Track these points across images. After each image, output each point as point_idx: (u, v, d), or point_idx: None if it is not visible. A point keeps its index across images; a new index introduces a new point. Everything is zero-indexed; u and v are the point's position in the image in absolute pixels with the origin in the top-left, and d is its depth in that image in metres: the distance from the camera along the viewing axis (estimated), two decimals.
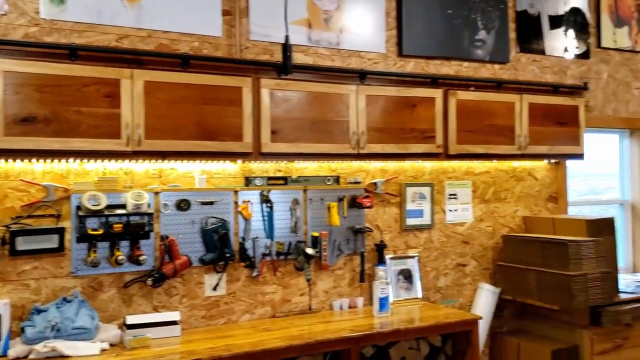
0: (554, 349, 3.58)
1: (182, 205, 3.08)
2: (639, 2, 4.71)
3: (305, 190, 3.40)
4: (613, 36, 4.61)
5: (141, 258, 2.92)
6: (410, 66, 3.79)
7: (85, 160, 2.85)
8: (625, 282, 4.23)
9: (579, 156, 4.05)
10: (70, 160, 2.79)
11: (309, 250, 3.30)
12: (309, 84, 3.15)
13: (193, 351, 2.70)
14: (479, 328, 3.35)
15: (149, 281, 2.95)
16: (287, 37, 3.05)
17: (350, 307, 3.51)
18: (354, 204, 3.53)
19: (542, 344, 3.68)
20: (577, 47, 4.43)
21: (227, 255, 3.12)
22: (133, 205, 2.89)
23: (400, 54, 3.75)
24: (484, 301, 3.88)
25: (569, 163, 4.39)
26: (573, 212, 4.50)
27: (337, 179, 3.50)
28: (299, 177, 3.39)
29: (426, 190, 3.84)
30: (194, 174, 3.16)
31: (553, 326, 3.82)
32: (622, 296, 3.84)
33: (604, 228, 3.79)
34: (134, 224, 2.91)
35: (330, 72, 3.32)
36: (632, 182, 4.81)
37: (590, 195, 4.84)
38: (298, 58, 3.43)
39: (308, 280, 3.34)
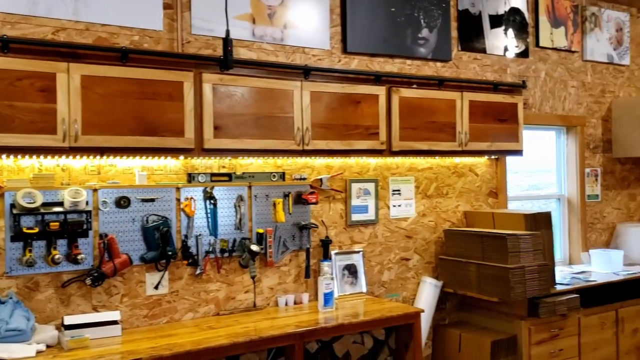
0: (494, 339, 3.69)
1: (122, 202, 3.01)
2: (574, 3, 4.89)
3: (250, 187, 3.39)
4: (550, 36, 4.77)
5: (79, 257, 2.84)
6: (355, 63, 3.82)
7: (19, 157, 2.74)
8: (562, 274, 4.40)
9: (518, 152, 4.18)
10: (4, 156, 2.68)
11: (254, 247, 3.29)
12: (253, 79, 3.13)
13: (133, 351, 2.65)
14: (421, 321, 3.41)
15: (88, 280, 2.87)
16: (227, 32, 3.03)
17: (295, 303, 3.52)
18: (300, 200, 3.54)
19: (482, 335, 3.78)
20: (516, 46, 4.57)
21: (169, 253, 3.07)
22: (70, 202, 2.81)
23: (345, 50, 3.77)
24: (427, 294, 3.96)
25: (509, 159, 4.53)
26: (513, 206, 4.65)
27: (282, 175, 3.50)
28: (243, 173, 3.37)
29: (371, 186, 3.88)
30: (134, 170, 3.10)
31: (493, 317, 3.94)
32: (559, 288, 3.99)
33: (541, 222, 3.93)
34: (71, 222, 2.83)
35: (275, 68, 3.31)
36: (569, 178, 5.00)
37: (533, 190, 5.00)
38: (242, 53, 3.40)
39: (253, 277, 3.33)
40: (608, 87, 5.15)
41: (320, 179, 3.64)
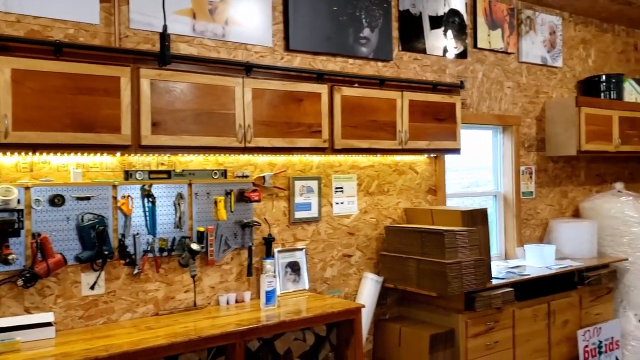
0: (432, 333, 3.78)
1: (56, 200, 2.91)
2: (510, 6, 5.06)
3: (190, 184, 3.34)
4: (488, 38, 4.92)
5: (10, 257, 2.74)
6: (297, 61, 3.83)
7: None
8: (498, 268, 4.55)
9: (456, 151, 4.29)
10: None
11: (194, 246, 3.25)
12: (193, 75, 3.09)
13: (68, 353, 2.57)
14: (362, 316, 3.46)
15: (20, 281, 2.78)
16: (165, 27, 2.98)
17: (237, 301, 3.50)
18: (242, 198, 3.53)
19: (421, 329, 3.87)
20: (455, 47, 4.69)
21: (106, 252, 3.00)
22: (1, 201, 2.70)
23: (287, 48, 3.78)
24: (368, 290, 4.02)
25: (448, 157, 4.64)
26: (453, 203, 4.77)
27: (224, 173, 3.47)
28: (183, 170, 3.32)
29: (314, 184, 3.90)
30: (69, 167, 3.00)
31: (432, 311, 4.03)
32: (494, 282, 4.12)
33: (477, 218, 4.04)
34: (1, 221, 2.72)
35: (216, 64, 3.28)
36: (505, 175, 5.17)
37: (473, 187, 5.15)
38: (182, 48, 3.35)
39: (193, 277, 3.29)
40: (542, 88, 5.36)
41: (263, 177, 3.63)
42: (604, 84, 5.51)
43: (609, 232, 5.19)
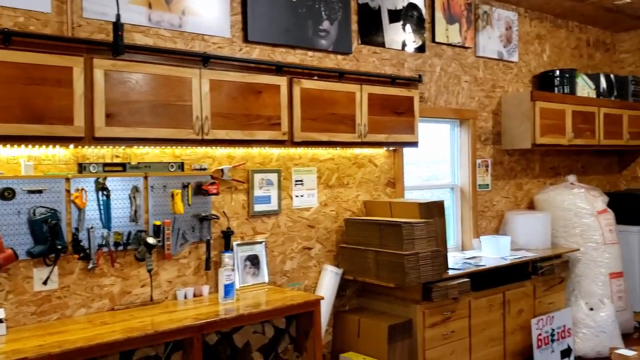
0: (391, 324, 3.83)
1: (6, 194, 2.83)
2: (467, 1, 5.13)
3: (146, 177, 3.29)
4: (446, 32, 4.98)
5: None
6: (256, 53, 3.80)
7: None
8: (454, 259, 4.63)
9: (414, 144, 4.33)
10: None
11: (151, 240, 3.20)
12: (149, 65, 3.03)
13: (19, 350, 2.51)
14: (321, 308, 3.48)
15: None
16: (118, 16, 2.92)
17: (195, 295, 3.47)
18: (200, 191, 3.49)
19: (380, 320, 3.91)
20: (414, 41, 4.73)
21: (59, 247, 2.93)
22: None
23: (246, 39, 3.74)
24: (328, 282, 4.04)
25: (408, 151, 4.69)
26: (413, 196, 4.83)
27: (181, 166, 3.43)
28: (139, 163, 3.26)
29: (273, 177, 3.89)
30: (20, 160, 2.91)
31: (390, 302, 4.08)
32: (451, 272, 4.19)
33: (434, 210, 4.10)
34: None
35: (172, 55, 3.23)
36: (462, 168, 5.26)
37: (433, 180, 5.22)
38: (137, 39, 3.29)
39: (149, 271, 3.25)
40: (498, 82, 5.46)
41: (222, 170, 3.60)
42: (558, 78, 5.65)
43: (562, 224, 5.35)
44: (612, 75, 6.16)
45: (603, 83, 6.02)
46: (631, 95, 6.32)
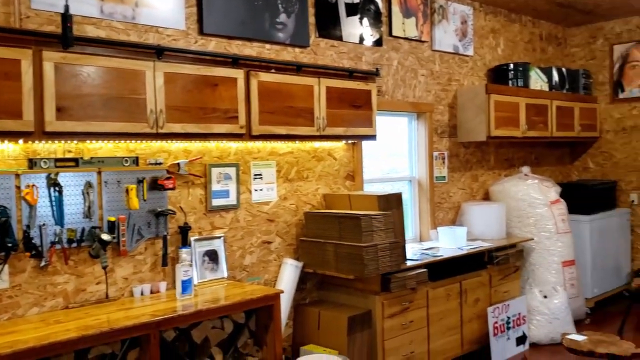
0: (350, 315, 3.86)
1: None
2: None
3: (99, 172, 3.22)
4: (402, 26, 5.03)
5: None
6: (212, 45, 3.76)
7: None
8: (413, 250, 4.70)
9: (372, 137, 4.37)
10: None
11: (105, 236, 3.14)
12: (101, 58, 2.96)
13: None
14: (281, 301, 3.48)
15: None
16: (66, 7, 2.84)
17: (152, 292, 3.42)
18: (156, 185, 3.44)
19: (339, 312, 3.94)
20: (371, 35, 4.75)
21: (9, 245, 2.84)
22: None
23: (201, 32, 3.70)
24: (288, 276, 4.04)
25: (368, 144, 4.73)
26: (371, 189, 4.86)
27: (135, 160, 3.37)
28: (92, 158, 3.19)
29: (232, 171, 3.86)
30: None
31: (350, 294, 4.11)
32: (409, 263, 4.24)
33: (393, 202, 4.15)
34: None
35: (125, 47, 3.16)
36: (419, 161, 5.33)
37: (393, 173, 5.27)
38: (89, 31, 3.21)
39: (104, 268, 3.18)
40: (454, 76, 5.55)
41: (178, 164, 3.55)
42: (512, 72, 5.78)
43: (516, 214, 5.48)
44: (563, 69, 6.33)
45: (555, 76, 6.18)
46: (582, 88, 6.52)
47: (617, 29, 6.64)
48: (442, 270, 4.44)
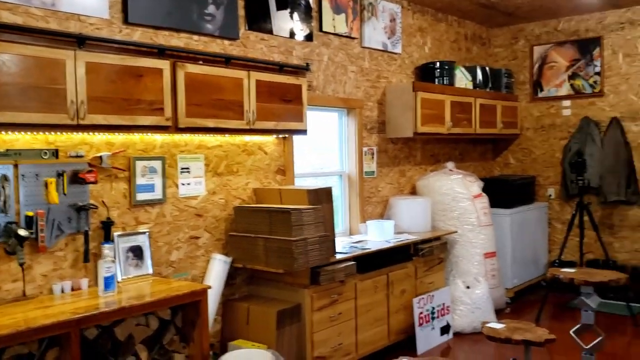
0: (279, 309, 3.86)
1: None
2: None
3: (16, 165, 3.07)
4: (333, 22, 5.06)
5: None
6: (137, 35, 3.66)
7: None
8: (342, 244, 4.76)
9: (303, 132, 4.38)
10: None
11: (22, 232, 3.00)
12: (18, 46, 2.82)
13: None
14: (209, 297, 3.44)
15: None
16: None
17: (73, 289, 3.30)
18: (76, 179, 3.31)
19: (269, 306, 3.94)
20: (302, 30, 4.76)
21: None
22: None
23: (126, 21, 3.59)
24: (216, 271, 4.00)
25: (300, 139, 4.74)
26: (304, 183, 4.88)
27: (55, 153, 3.23)
28: (8, 150, 3.04)
29: (157, 164, 3.78)
30: None
31: (280, 288, 4.12)
32: (338, 256, 4.29)
33: (323, 197, 4.18)
34: None
35: (44, 35, 3.02)
36: (349, 156, 5.40)
37: (326, 169, 5.30)
38: (4, 17, 3.05)
39: (21, 265, 3.04)
40: (383, 73, 5.65)
41: (101, 157, 3.44)
42: (438, 70, 5.95)
43: (441, 208, 5.66)
44: (487, 68, 6.58)
45: (479, 75, 6.41)
46: (504, 87, 6.80)
47: (537, 30, 6.97)
48: (370, 262, 4.52)
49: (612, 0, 6.03)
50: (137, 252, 3.61)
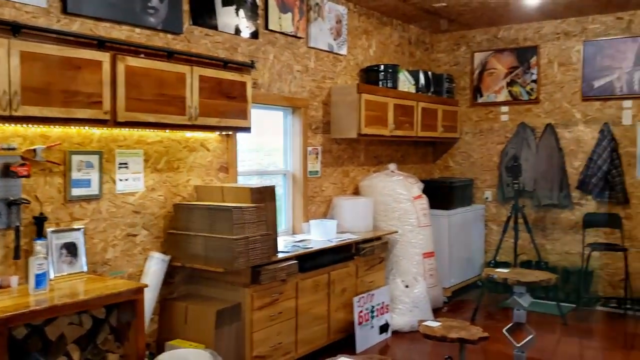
0: (219, 308, 3.82)
1: None
2: None
3: None
4: (279, 20, 5.05)
5: None
6: (77, 25, 3.54)
7: None
8: (284, 243, 4.75)
9: (247, 129, 4.35)
10: None
11: None
12: None
13: None
14: (146, 296, 3.37)
15: None
16: None
17: (2, 287, 3.16)
18: (8, 172, 3.18)
19: (208, 305, 3.89)
20: (247, 27, 4.73)
21: None
22: None
23: (65, 11, 3.47)
24: (154, 270, 3.92)
25: (245, 138, 4.70)
26: (249, 182, 4.84)
27: None
28: None
29: (94, 159, 3.67)
30: None
31: (220, 287, 4.08)
32: (280, 255, 4.29)
33: (266, 195, 4.16)
34: None
35: None
36: (294, 155, 5.40)
37: (272, 167, 5.28)
38: None
39: None
40: (328, 73, 5.68)
41: (34, 150, 3.31)
42: (382, 73, 6.03)
43: (383, 208, 5.74)
44: (429, 73, 6.72)
45: (422, 79, 6.54)
46: (445, 91, 6.97)
47: (478, 37, 7.17)
48: (312, 262, 4.54)
49: (549, 11, 6.28)
50: (71, 249, 3.49)
